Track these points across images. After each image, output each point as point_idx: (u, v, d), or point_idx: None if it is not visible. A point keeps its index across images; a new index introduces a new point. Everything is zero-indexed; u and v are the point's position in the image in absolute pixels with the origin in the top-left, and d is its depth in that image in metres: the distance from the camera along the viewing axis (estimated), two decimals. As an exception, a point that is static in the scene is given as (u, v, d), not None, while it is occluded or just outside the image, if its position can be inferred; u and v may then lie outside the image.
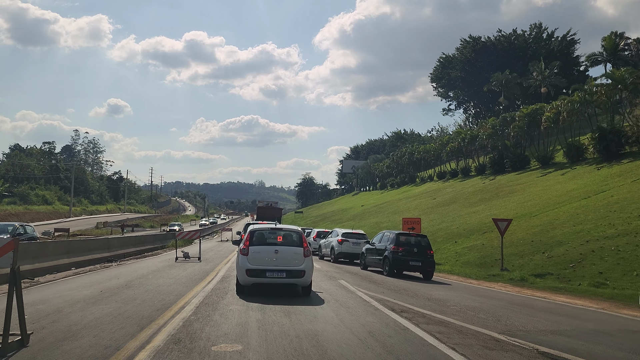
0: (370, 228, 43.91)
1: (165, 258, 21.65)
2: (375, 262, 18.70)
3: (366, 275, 17.12)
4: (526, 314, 9.55)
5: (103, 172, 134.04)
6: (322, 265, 21.02)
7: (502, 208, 32.80)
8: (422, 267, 17.10)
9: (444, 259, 22.95)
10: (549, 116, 43.85)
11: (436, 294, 12.14)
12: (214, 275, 14.15)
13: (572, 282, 14.50)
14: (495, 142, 53.63)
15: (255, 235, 10.77)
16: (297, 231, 11.24)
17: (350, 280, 14.58)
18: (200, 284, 11.99)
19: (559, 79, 60.84)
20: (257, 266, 10.15)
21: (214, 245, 36.38)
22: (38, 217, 73.98)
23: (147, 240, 27.97)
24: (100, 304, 8.35)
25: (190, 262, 18.90)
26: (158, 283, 11.79)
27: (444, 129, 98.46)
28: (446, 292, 12.59)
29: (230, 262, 19.23)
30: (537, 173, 43.80)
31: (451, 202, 44.01)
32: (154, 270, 15.23)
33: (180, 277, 13.44)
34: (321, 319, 7.80)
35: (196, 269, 16.20)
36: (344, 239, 23.99)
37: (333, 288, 12.18)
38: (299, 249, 10.51)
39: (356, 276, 16.31)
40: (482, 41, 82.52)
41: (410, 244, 17.55)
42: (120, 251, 21.42)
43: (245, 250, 10.37)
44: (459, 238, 27.00)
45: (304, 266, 10.32)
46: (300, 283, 10.53)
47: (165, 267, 16.51)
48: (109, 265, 17.72)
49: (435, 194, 54.62)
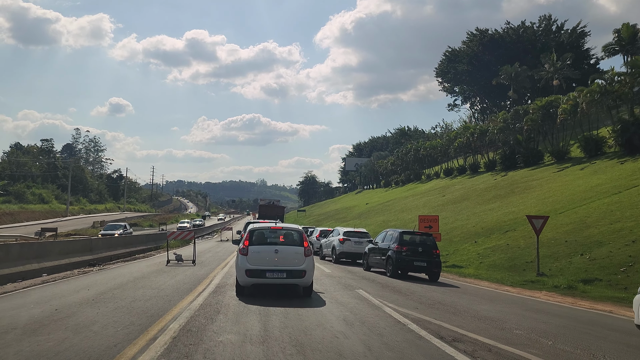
0: (377, 227, 41.83)
1: (157, 261, 19.47)
2: (379, 262, 17.59)
3: (374, 277, 14.93)
4: (622, 344, 7.16)
5: (104, 171, 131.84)
6: (325, 266, 19.01)
7: (520, 205, 30.57)
8: (428, 267, 16.04)
9: (465, 261, 20.74)
10: (565, 108, 41.63)
11: (481, 309, 9.88)
12: (207, 284, 11.97)
13: (631, 290, 12.26)
14: (506, 136, 51.34)
15: (255, 235, 10.56)
16: (297, 230, 10.96)
17: (369, 289, 12.35)
18: (187, 296, 9.81)
19: (572, 71, 58.49)
20: (257, 266, 10.00)
21: (213, 246, 34.17)
22: (33, 217, 71.85)
23: (139, 241, 25.71)
24: (39, 334, 6.05)
25: (183, 266, 16.72)
26: (135, 296, 9.60)
27: (448, 126, 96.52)
28: (492, 307, 10.34)
29: (228, 266, 17.06)
30: (553, 168, 41.57)
31: (463, 199, 41.78)
32: (138, 278, 13.02)
33: (165, 286, 11.25)
34: (349, 355, 5.62)
35: (187, 274, 14.01)
36: (346, 238, 22.67)
37: (353, 302, 10.01)
38: (299, 249, 10.34)
39: (370, 282, 14.08)
40: (489, 34, 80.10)
41: (414, 243, 16.55)
42: (106, 253, 19.22)
43: (245, 250, 10.18)
44: (478, 237, 24.79)
45: (304, 266, 10.14)
46: (301, 283, 10.31)
47: (152, 273, 14.32)
48: (89, 270, 15.54)
49: (443, 191, 52.45)
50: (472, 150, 63.13)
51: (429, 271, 16.12)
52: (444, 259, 22.50)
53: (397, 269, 16.04)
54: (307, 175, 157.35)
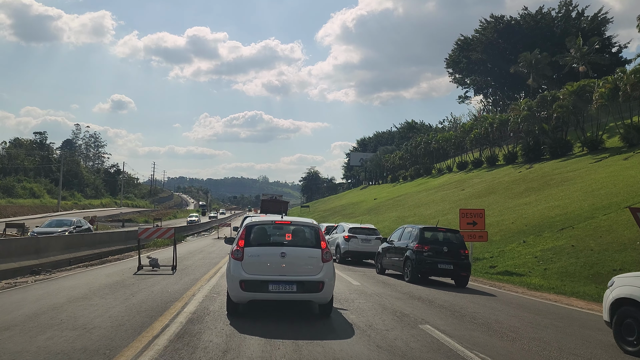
0: (391, 223, 37.69)
1: (128, 266, 15.20)
2: (395, 264, 15.24)
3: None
4: None
5: (104, 166, 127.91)
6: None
7: (564, 198, 26.23)
8: (455, 271, 13.58)
9: (521, 266, 16.39)
10: (603, 92, 37.13)
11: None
12: (178, 310, 7.74)
13: None
14: (531, 125, 46.80)
15: (253, 232, 7.96)
16: (311, 226, 8.29)
17: (439, 321, 8.03)
18: (133, 343, 5.52)
19: (600, 56, 53.81)
20: (256, 276, 7.48)
21: (207, 245, 29.81)
22: (21, 211, 68.08)
23: (113, 239, 21.27)
24: None
25: (157, 275, 12.48)
26: (37, 344, 5.31)
27: (456, 119, 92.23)
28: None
29: (219, 275, 12.84)
30: (587, 159, 37.22)
31: (488, 192, 37.42)
32: (73, 299, 8.68)
33: (100, 321, 6.88)
34: None
35: (155, 291, 9.72)
36: (352, 235, 20.17)
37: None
38: (315, 251, 7.81)
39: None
40: (505, 20, 75.42)
41: (438, 242, 14.18)
42: (61, 256, 14.87)
43: (239, 253, 7.61)
44: (525, 236, 20.45)
45: (322, 275, 7.62)
46: (317, 300, 7.80)
47: (104, 289, 10.01)
48: (22, 282, 11.24)
49: (461, 185, 48.17)
50: (489, 143, 58.82)
51: (456, 275, 13.68)
52: (489, 262, 18.22)
53: (417, 272, 13.67)
54: (310, 171, 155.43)
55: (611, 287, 7.10)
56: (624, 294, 6.71)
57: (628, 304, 6.62)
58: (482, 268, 17.34)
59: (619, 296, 6.78)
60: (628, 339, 6.59)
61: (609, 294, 7.06)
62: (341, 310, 8.40)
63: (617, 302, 6.83)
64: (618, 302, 6.81)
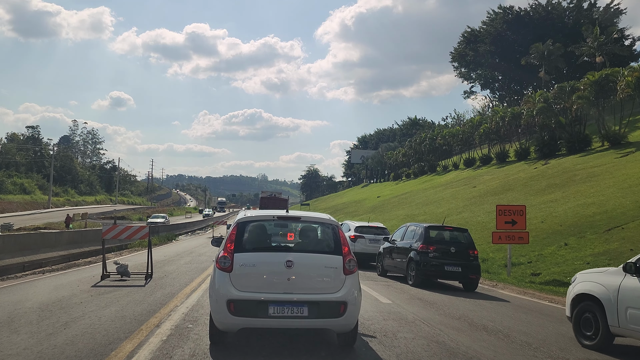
0: (399, 221, 34.91)
1: (94, 273, 12.38)
2: (397, 265, 14.22)
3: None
4: None
5: (100, 163, 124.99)
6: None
7: (597, 195, 23.50)
8: (463, 273, 12.68)
9: (571, 273, 13.55)
10: (630, 81, 34.38)
11: None
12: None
13: None
14: (546, 119, 43.99)
15: (248, 231, 5.64)
16: (328, 223, 5.94)
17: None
18: None
19: (618, 46, 51.00)
20: (251, 293, 5.20)
21: (198, 245, 26.99)
22: (10, 208, 65.30)
23: (87, 239, 18.34)
24: None
25: (123, 288, 9.69)
26: None
27: (460, 116, 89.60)
28: None
29: (203, 288, 10.07)
30: (611, 154, 34.47)
31: (504, 189, 34.66)
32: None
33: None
34: None
35: (107, 315, 6.91)
36: (358, 234, 18.36)
37: None
38: (333, 259, 5.61)
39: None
40: (515, 11, 72.56)
41: (444, 241, 13.29)
42: (9, 260, 11.99)
43: (227, 261, 5.36)
44: (565, 238, 17.67)
45: (344, 293, 5.40)
46: (337, 328, 5.43)
47: (42, 309, 7.23)
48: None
49: (471, 182, 45.44)
50: (499, 138, 56.08)
51: (464, 277, 12.78)
52: (528, 268, 15.46)
53: (422, 275, 12.71)
54: (309, 169, 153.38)
55: (574, 283, 7.27)
56: (584, 289, 6.87)
57: (587, 299, 6.77)
58: (522, 275, 14.61)
59: (580, 292, 6.93)
60: (586, 333, 6.75)
61: (571, 289, 7.19)
62: (366, 338, 5.75)
63: (577, 297, 6.96)
64: (578, 297, 6.94)
